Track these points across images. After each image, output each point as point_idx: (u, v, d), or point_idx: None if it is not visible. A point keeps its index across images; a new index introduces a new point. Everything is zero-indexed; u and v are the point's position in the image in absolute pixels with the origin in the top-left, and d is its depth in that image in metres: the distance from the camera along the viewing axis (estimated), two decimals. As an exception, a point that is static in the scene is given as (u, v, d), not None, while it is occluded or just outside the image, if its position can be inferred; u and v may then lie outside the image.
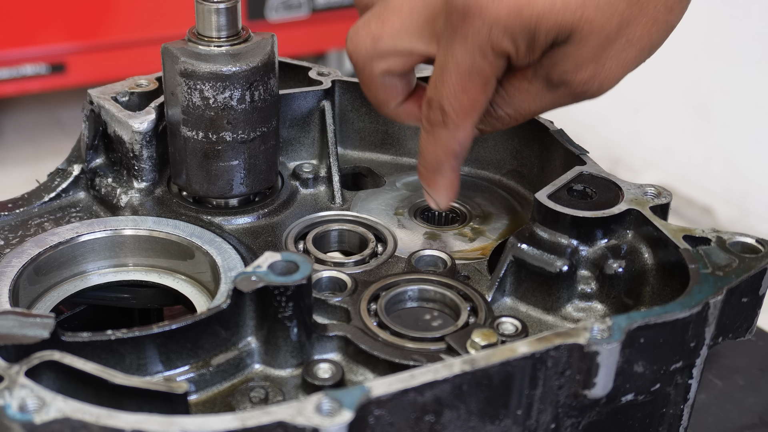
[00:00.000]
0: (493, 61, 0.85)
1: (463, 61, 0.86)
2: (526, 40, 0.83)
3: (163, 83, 0.98)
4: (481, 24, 0.83)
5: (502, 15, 0.82)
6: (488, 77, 0.87)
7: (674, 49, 3.34)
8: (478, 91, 0.87)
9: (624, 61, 0.84)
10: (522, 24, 0.82)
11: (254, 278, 0.76)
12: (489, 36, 0.83)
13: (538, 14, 0.81)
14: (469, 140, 0.91)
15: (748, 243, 0.83)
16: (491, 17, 0.82)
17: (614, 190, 0.91)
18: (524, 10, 0.81)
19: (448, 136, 0.90)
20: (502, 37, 0.83)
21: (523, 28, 0.82)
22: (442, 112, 0.89)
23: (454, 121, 0.89)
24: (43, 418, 0.62)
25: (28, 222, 0.98)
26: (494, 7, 0.82)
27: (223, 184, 0.99)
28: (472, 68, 0.86)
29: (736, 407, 1.11)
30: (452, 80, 0.87)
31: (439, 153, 0.91)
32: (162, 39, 1.04)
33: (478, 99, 0.88)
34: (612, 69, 0.84)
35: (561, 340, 0.71)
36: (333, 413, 0.63)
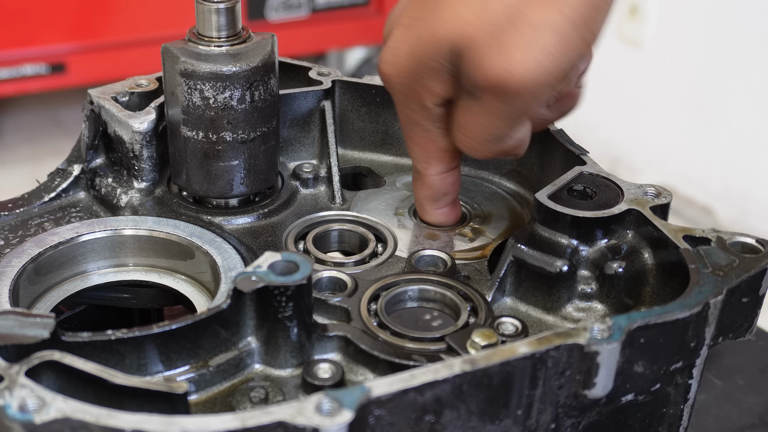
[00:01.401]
0: (418, 109, 0.89)
1: (401, 118, 0.92)
2: (432, 81, 0.85)
3: (163, 83, 0.98)
4: (390, 81, 0.88)
5: (400, 64, 0.85)
6: (423, 125, 0.90)
7: (674, 49, 3.35)
8: (423, 140, 0.92)
9: (542, 48, 0.77)
10: (418, 70, 0.84)
11: (254, 278, 0.76)
12: (401, 89, 0.87)
13: (423, 53, 0.83)
14: (443, 186, 0.95)
15: (748, 243, 0.83)
16: (391, 72, 0.86)
17: (614, 190, 0.91)
18: (413, 56, 0.84)
19: (420, 184, 0.97)
20: (412, 90, 0.86)
21: (422, 73, 0.84)
22: (412, 160, 0.95)
23: (418, 170, 0.95)
24: (43, 418, 0.62)
25: (28, 222, 0.98)
26: (393, 67, 0.86)
27: (223, 184, 0.99)
28: (407, 122, 0.91)
29: (736, 407, 1.11)
30: (405, 136, 0.93)
31: (419, 196, 0.98)
32: (162, 39, 1.04)
33: (426, 147, 0.92)
34: (529, 58, 0.78)
35: (561, 340, 0.71)
36: (333, 413, 0.63)
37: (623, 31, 3.37)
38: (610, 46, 3.39)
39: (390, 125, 1.12)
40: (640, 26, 3.33)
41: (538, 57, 0.78)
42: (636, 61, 3.37)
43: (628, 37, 3.36)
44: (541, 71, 0.78)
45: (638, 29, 3.33)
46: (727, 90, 3.10)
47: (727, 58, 3.07)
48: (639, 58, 3.36)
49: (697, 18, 3.14)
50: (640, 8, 3.30)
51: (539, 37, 0.77)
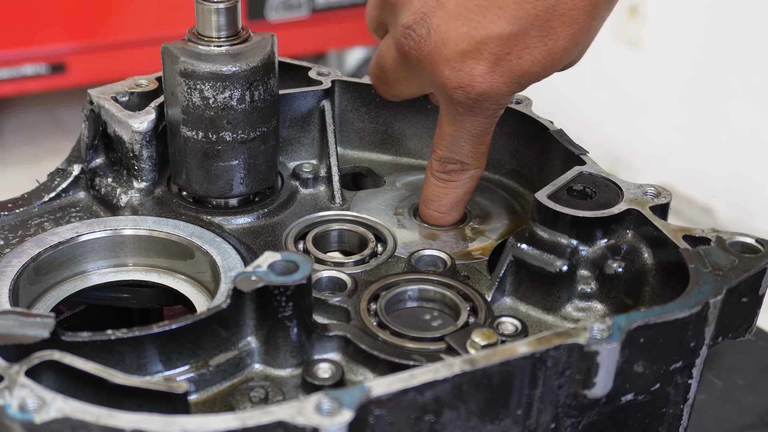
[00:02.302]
0: (499, 115, 0.93)
1: (477, 128, 0.93)
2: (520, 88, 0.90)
3: (163, 83, 0.98)
4: (490, 105, 0.90)
5: (503, 93, 0.88)
6: (493, 127, 0.94)
7: (674, 49, 3.34)
8: (491, 135, 0.95)
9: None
10: (523, 87, 0.89)
11: (254, 278, 0.76)
12: (497, 107, 0.91)
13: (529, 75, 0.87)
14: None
15: (748, 243, 0.83)
16: (495, 99, 0.89)
17: (614, 190, 0.91)
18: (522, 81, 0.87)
19: (469, 179, 0.98)
20: (508, 100, 0.90)
21: (523, 88, 0.89)
22: (461, 163, 0.96)
23: (474, 166, 0.97)
24: (43, 417, 0.62)
25: (28, 222, 0.98)
26: (494, 91, 0.88)
27: (222, 184, 0.99)
28: (486, 129, 0.93)
29: (736, 407, 1.11)
30: (469, 142, 0.94)
31: (460, 194, 0.99)
32: (162, 39, 1.04)
33: (490, 140, 0.96)
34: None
35: (561, 340, 0.71)
36: (333, 413, 0.63)
37: (623, 31, 3.37)
38: (610, 46, 3.39)
39: (390, 125, 1.12)
40: (640, 26, 3.32)
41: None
42: (636, 61, 3.37)
43: (628, 37, 3.36)
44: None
45: (638, 29, 3.33)
46: (727, 90, 3.09)
47: (727, 58, 3.07)
48: (639, 58, 3.36)
49: (697, 18, 3.14)
50: (640, 8, 3.30)
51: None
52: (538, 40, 0.84)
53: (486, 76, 0.86)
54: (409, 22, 0.87)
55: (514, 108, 1.06)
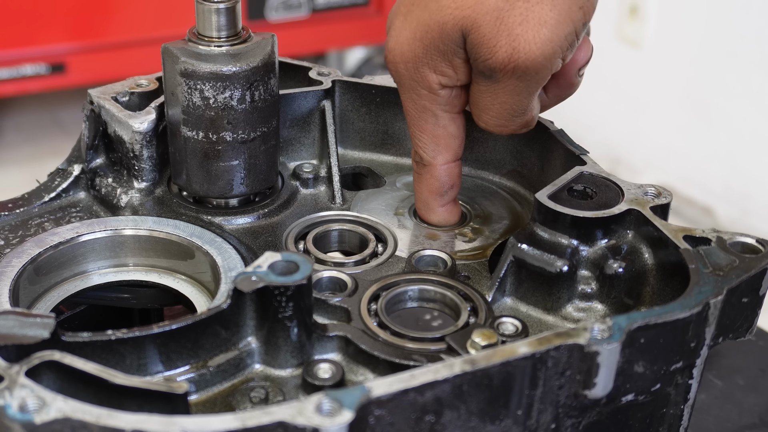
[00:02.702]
0: (426, 95, 0.90)
1: (406, 105, 0.93)
2: (437, 59, 0.87)
3: (163, 83, 0.98)
4: (396, 68, 0.89)
5: (405, 51, 0.87)
6: (434, 112, 0.92)
7: (674, 49, 3.34)
8: (433, 126, 0.93)
9: (540, 20, 0.82)
10: (423, 49, 0.86)
11: (254, 278, 0.76)
12: (409, 75, 0.89)
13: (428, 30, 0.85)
14: (449, 177, 0.96)
15: (748, 243, 0.83)
16: (400, 57, 0.88)
17: (614, 190, 0.91)
18: (418, 35, 0.86)
19: (427, 174, 0.96)
20: (418, 70, 0.88)
21: (425, 52, 0.87)
22: (418, 155, 0.95)
23: (426, 160, 0.95)
24: (43, 418, 0.62)
25: (28, 222, 0.98)
26: (399, 47, 0.88)
27: (223, 184, 0.99)
28: (416, 110, 0.92)
29: (736, 407, 1.11)
30: (409, 124, 0.94)
31: (424, 191, 0.97)
32: (162, 39, 1.04)
33: (436, 134, 0.93)
34: (530, 33, 0.82)
35: (561, 341, 0.71)
36: (333, 413, 0.63)
37: (623, 31, 3.37)
38: (610, 46, 3.39)
39: (390, 125, 1.12)
40: (640, 26, 3.32)
41: (542, 31, 0.82)
42: (636, 61, 3.37)
43: (628, 37, 3.36)
44: (546, 43, 0.83)
45: (638, 29, 3.33)
46: (727, 90, 3.09)
47: (727, 58, 3.06)
48: (639, 58, 3.36)
49: (697, 18, 3.14)
50: (640, 8, 3.30)
51: (537, 11, 0.82)
52: None
53: (396, 30, 0.88)
54: None
55: (515, 108, 1.06)
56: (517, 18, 0.82)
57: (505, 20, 0.82)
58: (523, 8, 0.82)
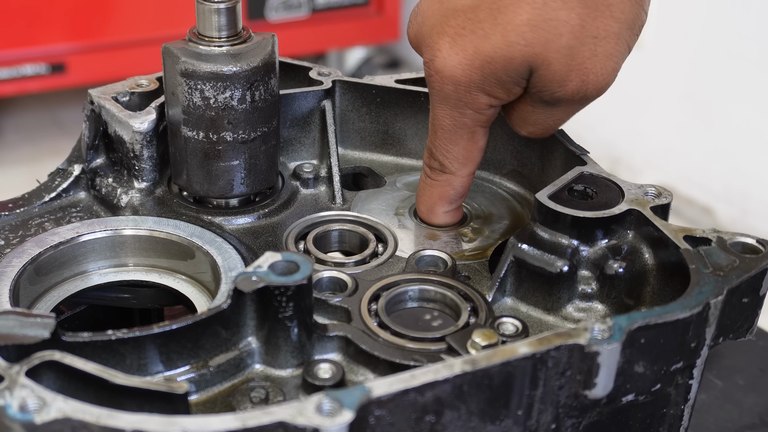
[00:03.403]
0: (472, 114, 0.90)
1: (445, 120, 0.92)
2: (494, 86, 0.87)
3: (163, 83, 0.98)
4: (444, 88, 0.88)
5: (458, 75, 0.86)
6: (472, 129, 0.92)
7: (674, 48, 3.33)
8: (467, 141, 0.92)
9: (607, 54, 0.84)
10: (481, 76, 0.86)
11: (255, 278, 0.76)
12: (458, 97, 0.88)
13: (492, 67, 0.84)
14: (464, 187, 0.97)
15: (748, 243, 0.83)
16: (450, 80, 0.87)
17: (615, 190, 0.91)
18: (477, 64, 0.85)
19: (445, 183, 0.96)
20: (470, 93, 0.87)
21: (483, 79, 0.86)
22: (440, 161, 0.95)
23: (450, 170, 0.95)
24: (43, 418, 0.62)
25: (28, 222, 0.98)
26: (449, 70, 0.86)
27: (223, 184, 0.99)
28: (455, 125, 0.91)
29: (736, 407, 1.11)
30: (440, 136, 0.93)
31: (435, 196, 0.97)
32: (162, 39, 1.04)
33: (469, 149, 0.93)
34: (598, 66, 0.84)
35: (561, 341, 0.71)
36: (333, 413, 0.63)
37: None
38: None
39: (390, 125, 1.12)
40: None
41: (608, 63, 0.85)
42: (636, 61, 3.36)
43: (628, 37, 3.35)
44: (611, 73, 0.86)
45: (638, 29, 3.33)
46: (727, 90, 3.09)
47: (726, 58, 3.06)
48: (639, 58, 3.35)
49: (696, 18, 3.14)
50: (640, 8, 3.30)
51: (605, 46, 0.84)
52: (488, 13, 0.83)
53: (444, 51, 0.86)
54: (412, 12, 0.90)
55: (515, 108, 1.06)
56: (587, 53, 0.83)
57: (575, 57, 0.83)
58: (592, 44, 0.83)
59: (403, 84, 1.09)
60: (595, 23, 0.83)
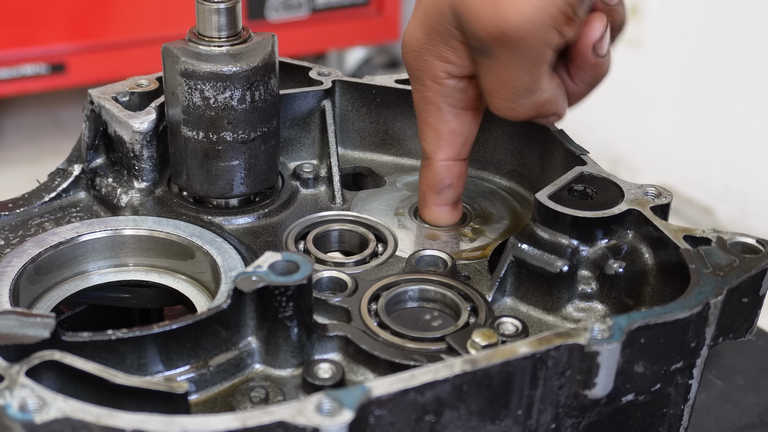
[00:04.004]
0: (432, 86, 0.90)
1: (414, 98, 0.93)
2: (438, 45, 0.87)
3: (163, 83, 0.98)
4: (406, 58, 0.89)
5: (410, 40, 0.88)
6: (436, 102, 0.92)
7: (674, 48, 3.33)
8: (435, 119, 0.92)
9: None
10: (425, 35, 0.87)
11: (255, 278, 0.76)
12: (415, 63, 0.89)
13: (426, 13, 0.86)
14: (446, 174, 0.96)
15: (748, 243, 0.83)
16: (408, 47, 0.88)
17: (614, 190, 0.91)
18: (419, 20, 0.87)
19: (426, 170, 0.97)
20: (423, 58, 0.88)
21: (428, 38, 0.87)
22: (422, 146, 0.96)
23: (427, 154, 0.95)
24: (43, 417, 0.62)
25: (28, 222, 0.98)
26: (406, 37, 0.88)
27: (223, 184, 0.99)
28: (421, 101, 0.92)
29: (736, 407, 1.11)
30: (417, 118, 0.93)
31: (423, 186, 0.98)
32: (162, 39, 1.04)
33: (437, 127, 0.93)
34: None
35: (561, 341, 0.71)
36: (333, 413, 0.63)
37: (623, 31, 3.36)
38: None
39: (390, 125, 1.12)
40: (640, 26, 3.32)
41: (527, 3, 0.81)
42: (636, 61, 3.37)
43: (628, 37, 3.35)
44: (531, 9, 0.81)
45: (638, 29, 3.33)
46: (727, 90, 3.09)
47: (726, 58, 3.06)
48: (639, 58, 3.36)
49: (696, 18, 3.14)
50: (640, 8, 3.30)
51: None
52: None
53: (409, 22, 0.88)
54: None
55: (515, 108, 1.06)
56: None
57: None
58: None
59: (403, 84, 1.09)
60: None
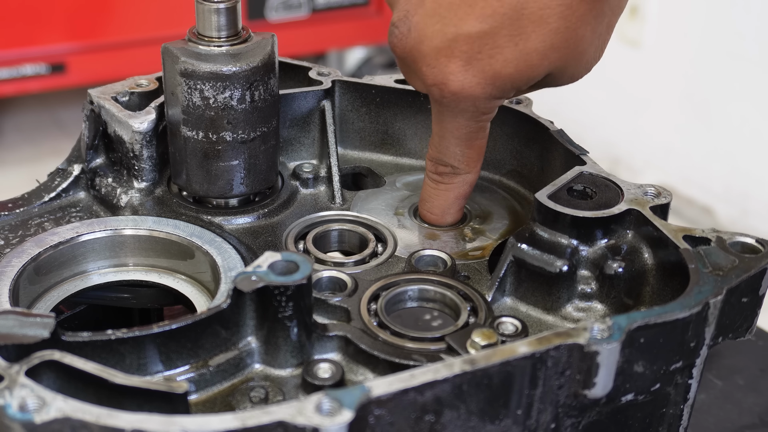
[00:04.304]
0: (484, 120, 0.92)
1: (459, 130, 0.92)
2: (511, 93, 0.89)
3: (163, 83, 0.98)
4: (465, 104, 0.89)
5: (478, 94, 0.87)
6: (484, 128, 0.93)
7: (674, 48, 3.34)
8: (480, 140, 0.94)
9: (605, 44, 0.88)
10: (502, 91, 0.87)
11: (254, 278, 0.76)
12: (476, 109, 0.89)
13: (513, 80, 0.86)
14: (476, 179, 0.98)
15: (748, 243, 0.83)
16: (470, 98, 0.87)
17: (614, 190, 0.91)
18: (498, 84, 0.86)
19: (461, 183, 0.97)
20: (489, 103, 0.89)
21: (503, 93, 0.87)
22: (452, 167, 0.96)
23: (465, 170, 0.96)
24: (43, 417, 0.62)
25: (28, 222, 0.98)
26: (468, 91, 0.87)
27: (223, 184, 0.99)
28: (469, 131, 0.92)
29: (736, 407, 1.11)
30: (454, 143, 0.93)
31: (451, 198, 0.98)
32: (162, 39, 1.04)
33: (481, 146, 0.95)
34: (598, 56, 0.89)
35: (561, 340, 0.71)
36: (333, 413, 0.63)
37: (623, 31, 3.36)
38: (610, 46, 3.38)
39: (390, 125, 1.12)
40: (640, 26, 3.32)
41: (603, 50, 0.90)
42: (636, 61, 3.37)
43: (628, 37, 3.36)
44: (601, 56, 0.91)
45: (638, 29, 3.33)
46: (727, 90, 3.09)
47: (726, 58, 3.07)
48: (639, 58, 3.36)
49: (697, 18, 3.14)
50: (640, 8, 3.30)
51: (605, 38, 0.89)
52: (508, 39, 0.83)
53: (458, 74, 0.85)
54: (395, 20, 0.88)
55: (515, 108, 1.06)
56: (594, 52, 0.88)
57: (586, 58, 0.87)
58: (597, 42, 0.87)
59: (403, 84, 1.09)
60: (602, 26, 0.85)
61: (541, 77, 0.86)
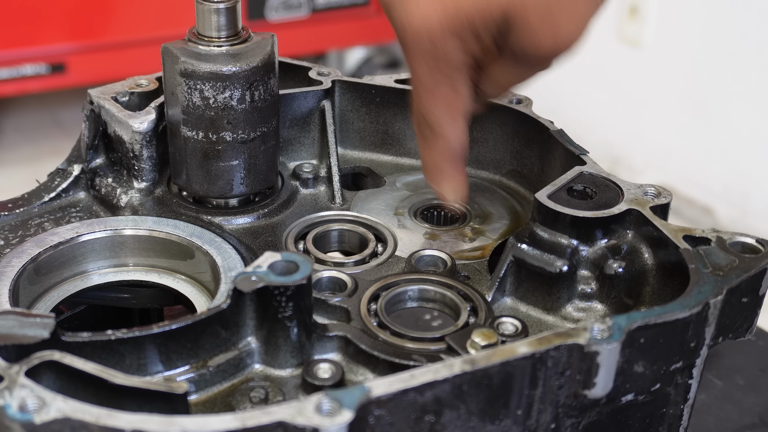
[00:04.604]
0: (448, 70, 0.88)
1: (424, 77, 0.89)
2: (470, 41, 0.85)
3: (163, 83, 0.98)
4: (418, 38, 0.86)
5: (434, 25, 0.84)
6: (454, 82, 0.89)
7: (674, 49, 3.34)
8: (451, 95, 0.90)
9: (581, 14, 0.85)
10: (458, 25, 0.84)
11: (254, 278, 0.76)
12: (435, 50, 0.86)
13: (468, 15, 0.83)
14: (463, 138, 0.93)
15: (748, 243, 0.83)
16: (427, 32, 0.85)
17: (614, 190, 0.91)
18: (456, 17, 0.84)
19: (443, 143, 0.93)
20: (446, 41, 0.85)
21: (460, 28, 0.84)
22: (429, 123, 0.92)
23: (443, 129, 0.92)
24: (43, 418, 0.62)
25: (28, 222, 0.98)
26: (426, 23, 0.85)
27: (223, 184, 0.99)
28: (435, 81, 0.89)
29: (736, 407, 1.11)
30: (423, 95, 0.90)
31: (437, 159, 0.94)
32: (162, 39, 1.04)
33: (454, 102, 0.91)
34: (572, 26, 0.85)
35: (561, 340, 0.71)
36: (333, 413, 0.63)
37: (623, 31, 3.37)
38: (610, 46, 3.38)
39: (390, 125, 1.12)
40: (640, 26, 3.33)
41: (581, 24, 0.85)
42: (636, 61, 3.37)
43: (628, 37, 3.36)
44: (581, 34, 0.86)
45: (638, 29, 3.33)
46: (727, 90, 3.10)
47: (726, 57, 3.07)
48: (639, 58, 3.36)
49: (696, 18, 3.14)
50: (640, 8, 3.30)
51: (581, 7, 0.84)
52: None
53: (422, 6, 0.84)
54: None
55: (515, 108, 1.06)
56: (564, 13, 0.83)
57: (552, 15, 0.83)
58: (568, 3, 0.83)
59: (403, 84, 1.09)
60: None
61: (499, 17, 0.83)
